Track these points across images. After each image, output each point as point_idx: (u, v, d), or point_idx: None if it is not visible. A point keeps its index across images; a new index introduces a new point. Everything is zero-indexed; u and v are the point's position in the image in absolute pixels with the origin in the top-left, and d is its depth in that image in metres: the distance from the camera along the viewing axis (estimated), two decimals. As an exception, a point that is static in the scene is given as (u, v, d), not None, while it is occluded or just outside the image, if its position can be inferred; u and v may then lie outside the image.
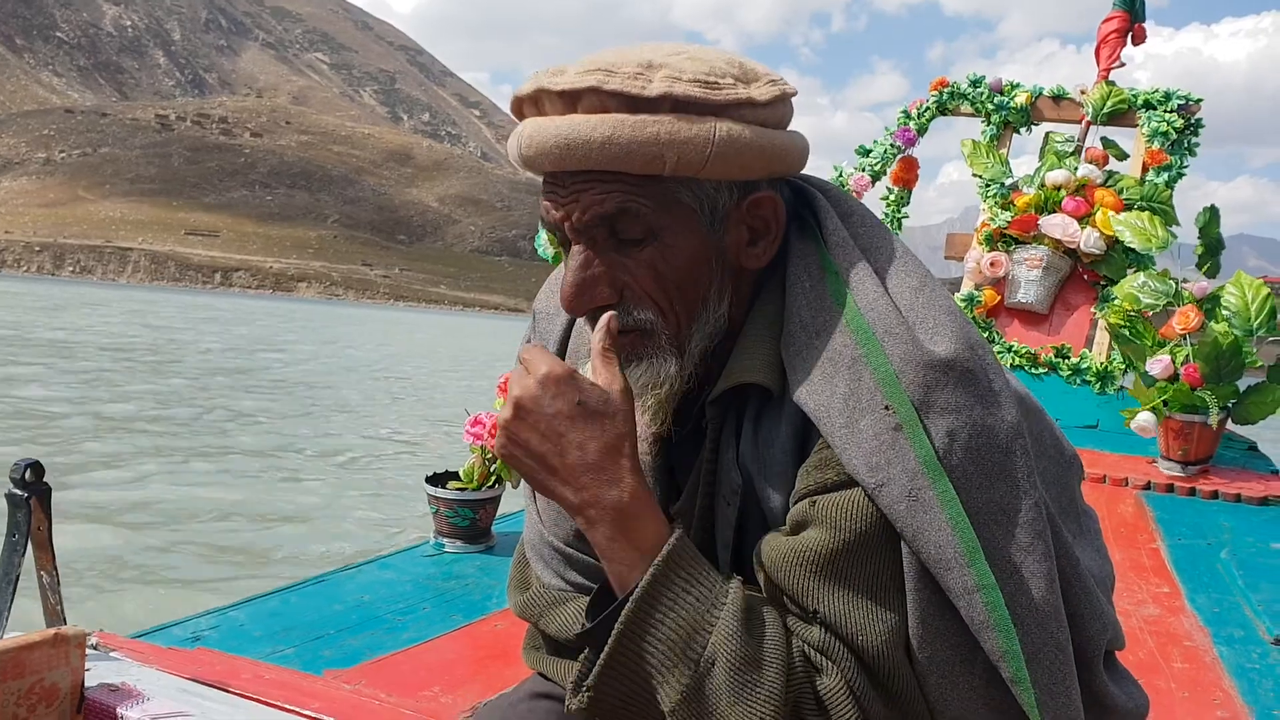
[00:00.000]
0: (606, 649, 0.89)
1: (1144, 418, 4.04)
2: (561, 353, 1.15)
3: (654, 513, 0.94)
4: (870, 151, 5.62)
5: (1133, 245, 4.59)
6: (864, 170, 5.57)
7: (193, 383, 18.22)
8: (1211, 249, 4.36)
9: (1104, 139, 5.41)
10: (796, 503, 0.94)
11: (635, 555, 0.92)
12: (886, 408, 0.89)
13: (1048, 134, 5.52)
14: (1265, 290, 3.99)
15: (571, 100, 0.91)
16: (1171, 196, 4.96)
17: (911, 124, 5.64)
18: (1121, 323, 4.19)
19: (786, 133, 0.98)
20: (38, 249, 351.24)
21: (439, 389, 22.55)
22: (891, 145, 5.61)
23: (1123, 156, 5.35)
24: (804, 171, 1.05)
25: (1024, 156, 6.38)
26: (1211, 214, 4.41)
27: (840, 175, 5.60)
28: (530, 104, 0.95)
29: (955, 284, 5.42)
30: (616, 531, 0.92)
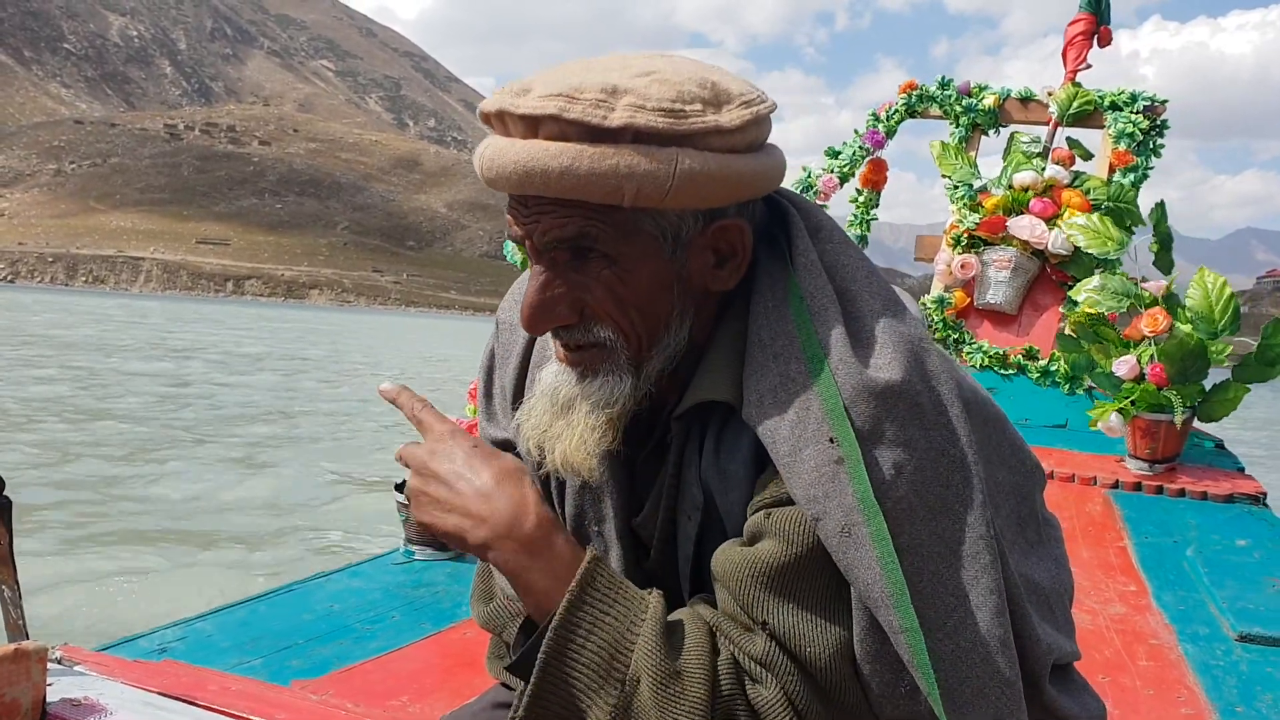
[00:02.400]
0: (532, 679, 0.89)
1: (1111, 419, 4.08)
2: (525, 362, 1.14)
3: (564, 537, 0.95)
4: (839, 153, 5.64)
5: (1089, 250, 4.62)
6: (832, 171, 5.60)
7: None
8: (1165, 244, 4.40)
9: (1069, 139, 5.45)
10: (753, 514, 0.95)
11: (549, 582, 0.92)
12: (831, 440, 0.89)
13: (1013, 134, 5.56)
14: (1228, 290, 4.02)
15: (533, 125, 0.89)
16: (1137, 197, 5.00)
17: (880, 126, 5.67)
18: (1085, 323, 4.23)
19: (758, 156, 0.95)
20: (51, 259, 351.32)
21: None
22: (860, 147, 5.64)
23: (1088, 156, 5.40)
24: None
25: (993, 156, 6.41)
26: (1161, 210, 4.46)
27: (809, 176, 5.61)
28: (496, 120, 0.93)
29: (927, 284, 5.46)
30: (528, 560, 0.93)
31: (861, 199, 5.68)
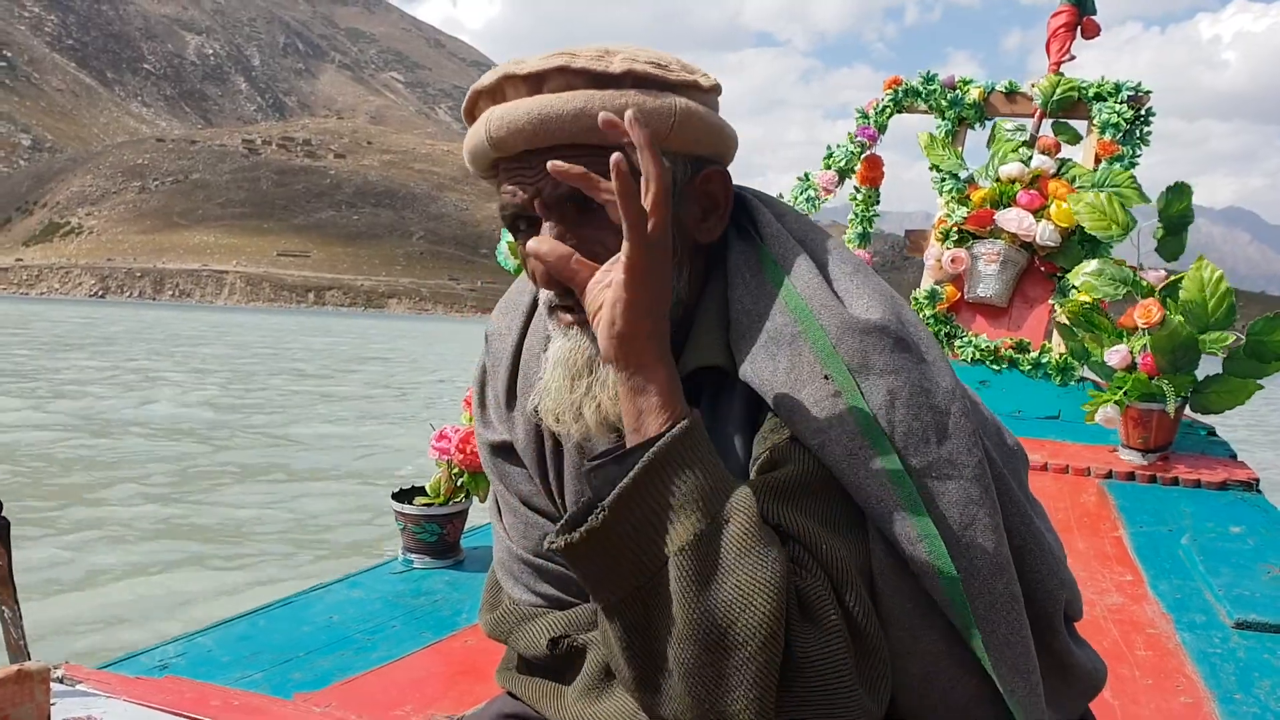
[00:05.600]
0: (636, 470, 0.85)
1: (1107, 410, 4.07)
2: (514, 368, 1.17)
3: None
4: (833, 154, 5.65)
5: (1093, 233, 4.58)
6: (830, 169, 5.60)
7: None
8: (1172, 229, 4.33)
9: (1055, 124, 5.46)
10: (758, 462, 0.97)
11: (680, 399, 0.90)
12: (826, 377, 0.94)
13: (995, 123, 5.57)
14: (1224, 284, 3.97)
15: (538, 82, 0.96)
16: (1133, 179, 4.95)
17: (870, 122, 5.67)
18: (1078, 313, 4.22)
19: (724, 119, 1.05)
20: (139, 275, 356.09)
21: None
22: (855, 141, 5.64)
23: (1076, 139, 5.40)
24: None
25: (979, 152, 6.41)
26: (1175, 192, 4.35)
27: (808, 178, 5.61)
28: (489, 97, 0.99)
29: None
30: (672, 374, 0.90)
31: (860, 196, 5.69)
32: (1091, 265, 4.26)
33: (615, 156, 0.84)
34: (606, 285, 0.91)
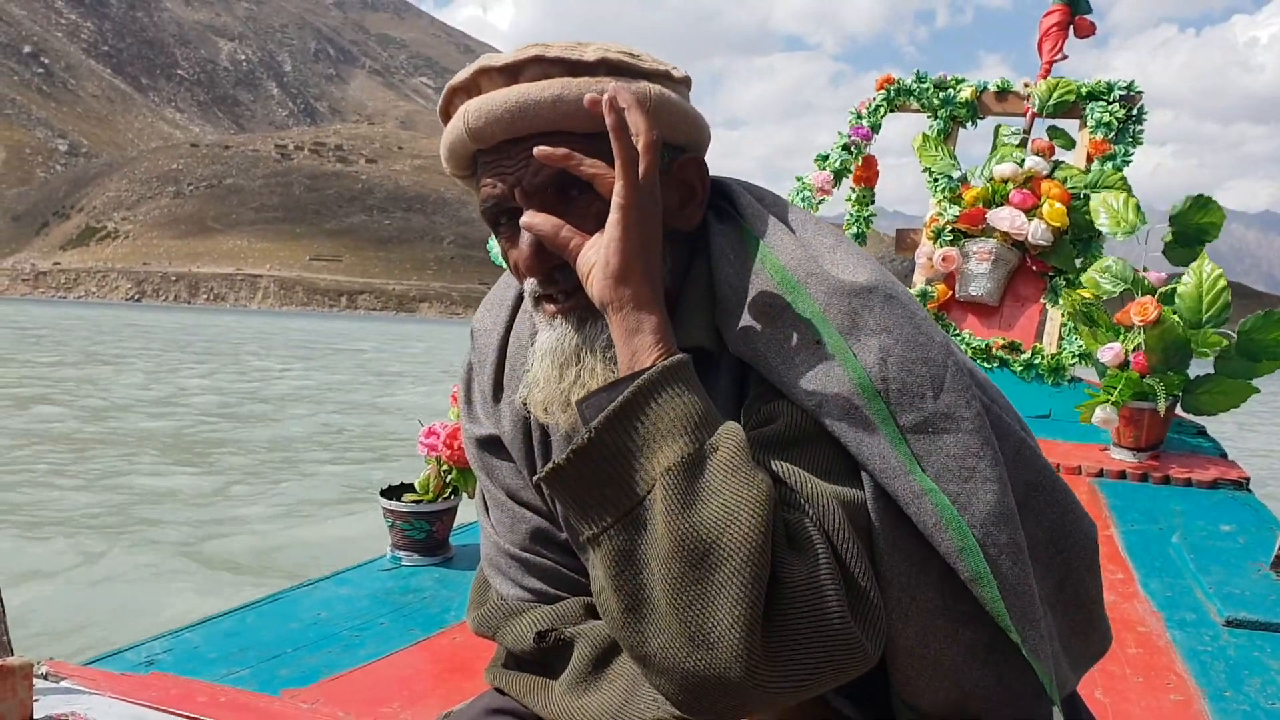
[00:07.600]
0: (634, 387, 0.87)
1: (1104, 412, 4.05)
2: (500, 363, 1.18)
3: None
4: (828, 157, 5.64)
5: (1102, 228, 4.54)
6: (826, 170, 5.60)
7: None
8: (1182, 239, 4.26)
9: (1050, 128, 5.47)
10: (745, 427, 0.96)
11: (672, 340, 0.92)
12: (817, 342, 0.95)
13: (997, 126, 5.58)
14: (1222, 282, 3.95)
15: (514, 73, 0.97)
16: (1124, 179, 4.96)
17: (864, 122, 5.67)
18: (1077, 307, 4.21)
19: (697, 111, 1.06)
20: (174, 279, 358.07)
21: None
22: (850, 141, 5.63)
23: (1070, 145, 5.41)
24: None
25: (972, 148, 6.44)
26: (1200, 205, 4.21)
27: (803, 182, 5.61)
28: (465, 93, 1.01)
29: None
30: (665, 319, 0.93)
31: (855, 196, 5.69)
32: (1106, 261, 4.26)
33: (608, 94, 0.88)
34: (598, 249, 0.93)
